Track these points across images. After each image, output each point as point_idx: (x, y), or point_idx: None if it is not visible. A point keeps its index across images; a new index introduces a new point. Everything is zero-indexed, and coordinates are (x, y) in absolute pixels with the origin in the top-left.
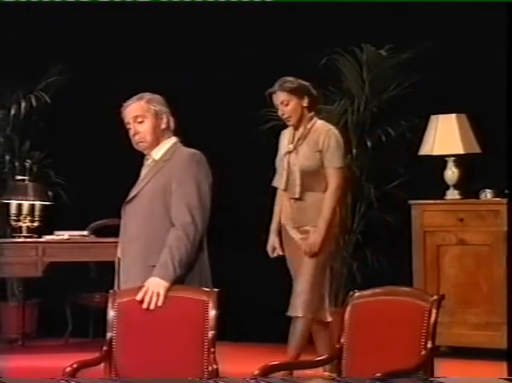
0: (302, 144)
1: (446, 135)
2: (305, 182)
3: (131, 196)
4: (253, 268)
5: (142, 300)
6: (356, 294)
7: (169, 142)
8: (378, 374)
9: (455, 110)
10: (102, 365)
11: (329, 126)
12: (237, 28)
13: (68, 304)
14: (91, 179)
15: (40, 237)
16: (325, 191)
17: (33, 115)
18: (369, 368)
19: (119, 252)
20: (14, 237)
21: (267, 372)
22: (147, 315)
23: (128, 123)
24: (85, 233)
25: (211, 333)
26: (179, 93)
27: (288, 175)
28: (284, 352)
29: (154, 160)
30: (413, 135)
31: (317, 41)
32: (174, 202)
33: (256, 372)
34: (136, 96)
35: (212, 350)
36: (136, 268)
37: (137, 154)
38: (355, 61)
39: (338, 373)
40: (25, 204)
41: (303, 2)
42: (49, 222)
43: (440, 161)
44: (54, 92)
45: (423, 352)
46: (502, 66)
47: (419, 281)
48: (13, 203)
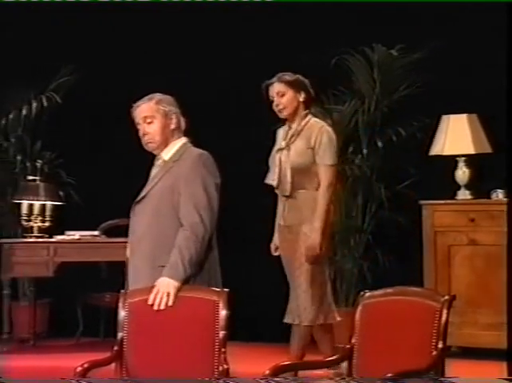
0: (295, 141)
1: (457, 135)
2: (297, 179)
3: (140, 196)
4: (257, 268)
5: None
6: (367, 294)
7: (179, 142)
8: (389, 374)
9: (466, 110)
10: (113, 365)
11: (322, 123)
12: (237, 28)
13: (79, 304)
14: (102, 179)
15: (51, 237)
16: (318, 188)
17: (44, 115)
18: (380, 368)
19: (128, 252)
20: (26, 237)
21: (278, 372)
22: (157, 315)
23: (138, 123)
24: (96, 233)
25: (222, 333)
26: (179, 93)
27: (279, 172)
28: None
29: (163, 161)
30: (424, 135)
31: (327, 41)
32: (182, 202)
33: (266, 372)
34: (147, 96)
35: (223, 350)
36: (145, 268)
37: (148, 154)
38: (366, 61)
39: (349, 373)
40: (36, 204)
41: (310, 2)
42: (60, 222)
43: (451, 161)
44: (65, 92)
45: (434, 352)
46: None
47: (430, 281)
48: (24, 203)
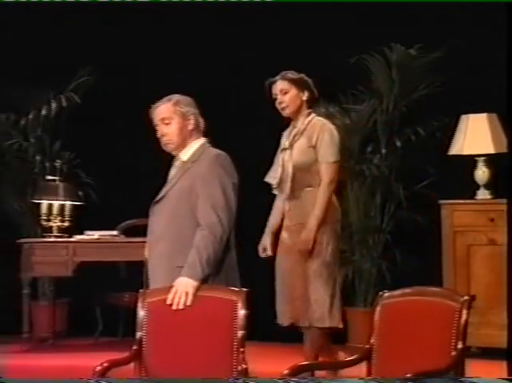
0: (298, 140)
1: (476, 134)
2: (299, 178)
3: (159, 197)
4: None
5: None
6: (386, 295)
7: (197, 143)
8: (408, 374)
9: (486, 109)
10: (132, 365)
11: (324, 121)
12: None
13: (97, 303)
14: (120, 179)
15: (70, 237)
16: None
17: (64, 115)
18: (399, 368)
19: (146, 252)
20: (45, 237)
21: (296, 372)
22: (176, 315)
23: (156, 124)
24: (115, 233)
25: (240, 332)
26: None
27: (282, 171)
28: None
29: (182, 161)
30: (443, 134)
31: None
32: (200, 203)
33: (285, 371)
34: (166, 97)
35: (241, 350)
36: (162, 269)
37: (166, 154)
38: (384, 61)
39: (368, 373)
40: (55, 204)
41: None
42: (79, 222)
43: (470, 161)
44: (84, 92)
45: (454, 352)
46: None
47: (449, 281)
48: (43, 203)
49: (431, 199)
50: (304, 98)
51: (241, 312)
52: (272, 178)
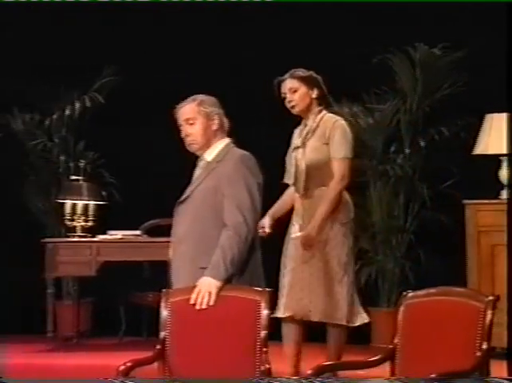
0: (311, 138)
1: (500, 134)
2: (313, 177)
3: (183, 197)
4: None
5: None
6: (410, 295)
7: (222, 143)
8: (433, 375)
9: (511, 109)
10: (155, 364)
11: (336, 118)
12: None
13: (121, 303)
14: (144, 179)
15: (94, 236)
16: None
17: (87, 115)
18: (423, 368)
19: (170, 252)
20: (69, 236)
21: (320, 372)
22: (199, 314)
23: (180, 125)
24: (138, 233)
25: (264, 332)
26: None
27: (296, 170)
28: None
29: (206, 162)
30: (467, 134)
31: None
32: (225, 203)
33: (309, 371)
34: (190, 97)
35: (265, 350)
36: (185, 269)
37: (191, 154)
38: (408, 60)
39: (392, 373)
40: (79, 204)
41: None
42: (103, 221)
43: (494, 160)
44: (108, 92)
45: (478, 353)
46: None
47: (473, 281)
48: (67, 203)
49: (455, 199)
50: (313, 96)
51: (264, 312)
52: (288, 178)
